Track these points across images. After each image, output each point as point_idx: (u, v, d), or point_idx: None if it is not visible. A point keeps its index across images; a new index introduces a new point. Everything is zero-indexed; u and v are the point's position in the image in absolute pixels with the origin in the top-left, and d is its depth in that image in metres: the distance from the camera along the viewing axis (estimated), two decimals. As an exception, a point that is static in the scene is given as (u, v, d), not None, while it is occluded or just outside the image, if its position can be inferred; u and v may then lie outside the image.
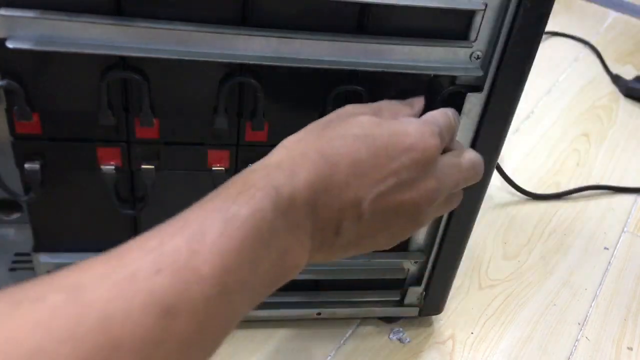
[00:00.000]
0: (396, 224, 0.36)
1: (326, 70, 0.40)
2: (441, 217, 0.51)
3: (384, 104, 0.40)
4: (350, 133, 0.35)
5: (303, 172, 0.32)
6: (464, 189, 0.41)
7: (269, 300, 0.33)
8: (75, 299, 0.24)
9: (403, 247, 0.53)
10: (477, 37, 0.41)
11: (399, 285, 0.56)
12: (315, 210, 0.33)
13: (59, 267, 0.47)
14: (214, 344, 0.28)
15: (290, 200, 0.31)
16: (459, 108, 0.43)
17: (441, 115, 0.39)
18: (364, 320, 0.59)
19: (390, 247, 0.38)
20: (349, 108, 0.38)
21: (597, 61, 1.09)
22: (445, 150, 0.39)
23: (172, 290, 0.25)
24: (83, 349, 0.23)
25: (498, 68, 0.42)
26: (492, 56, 0.41)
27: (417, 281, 0.56)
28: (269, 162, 0.34)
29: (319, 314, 0.56)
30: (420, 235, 0.53)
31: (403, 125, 0.36)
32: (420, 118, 0.39)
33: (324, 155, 0.33)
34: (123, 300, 0.24)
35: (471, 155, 0.40)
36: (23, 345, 0.22)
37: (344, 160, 0.33)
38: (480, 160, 0.41)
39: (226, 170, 0.44)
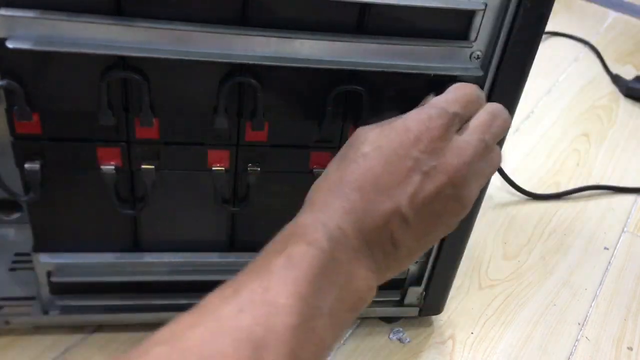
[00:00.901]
0: (444, 210, 0.37)
1: (326, 70, 0.40)
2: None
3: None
4: (360, 154, 0.36)
5: (337, 203, 0.35)
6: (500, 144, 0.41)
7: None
8: (174, 347, 0.27)
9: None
10: (477, 37, 0.41)
11: (399, 285, 0.56)
12: (365, 233, 0.35)
13: (59, 267, 0.47)
14: None
15: (340, 230, 0.34)
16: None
17: (448, 91, 0.39)
18: (364, 320, 0.59)
19: (452, 230, 0.39)
20: (358, 130, 0.38)
21: (597, 61, 1.09)
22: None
23: (257, 325, 0.28)
24: None
25: (498, 68, 0.42)
26: (492, 56, 0.41)
27: (417, 281, 0.56)
28: (305, 206, 0.36)
29: (319, 314, 0.56)
30: (420, 235, 0.52)
31: (403, 123, 0.37)
32: (422, 106, 0.39)
33: (347, 184, 0.35)
34: (215, 341, 0.27)
35: (486, 109, 0.40)
36: None
37: (365, 180, 0.35)
38: (496, 107, 0.40)
39: (226, 170, 0.44)
